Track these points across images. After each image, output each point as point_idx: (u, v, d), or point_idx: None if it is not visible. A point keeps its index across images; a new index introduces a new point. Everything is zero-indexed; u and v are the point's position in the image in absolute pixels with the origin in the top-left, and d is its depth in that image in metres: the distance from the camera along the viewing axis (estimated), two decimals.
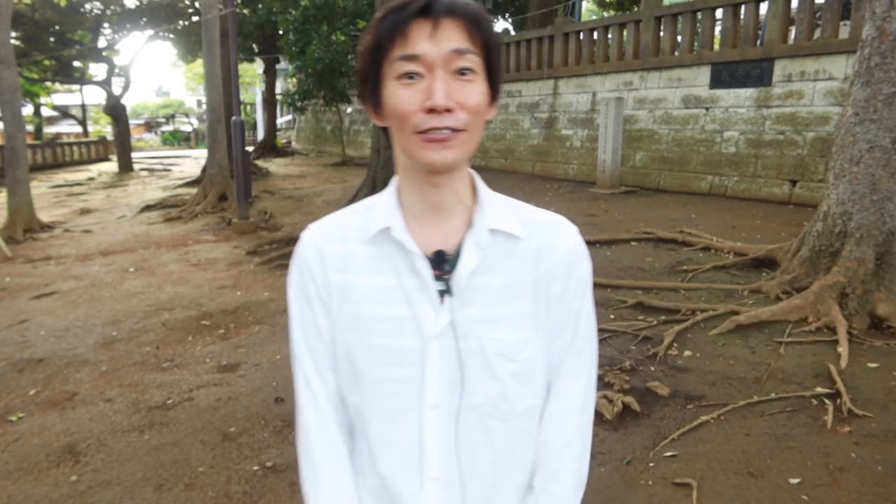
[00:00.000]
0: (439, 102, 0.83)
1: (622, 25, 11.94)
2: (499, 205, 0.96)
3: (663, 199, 9.87)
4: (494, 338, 0.92)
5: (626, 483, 2.71)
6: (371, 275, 0.94)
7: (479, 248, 0.92)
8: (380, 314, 0.93)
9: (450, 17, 0.84)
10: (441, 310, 0.91)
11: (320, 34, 16.10)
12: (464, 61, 0.85)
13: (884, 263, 4.38)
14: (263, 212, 10.41)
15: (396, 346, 0.93)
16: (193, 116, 44.84)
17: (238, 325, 5.05)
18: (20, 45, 18.95)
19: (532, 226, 0.96)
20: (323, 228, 0.99)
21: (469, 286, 0.92)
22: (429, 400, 0.93)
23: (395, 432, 0.95)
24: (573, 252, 0.96)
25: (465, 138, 0.87)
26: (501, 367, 0.93)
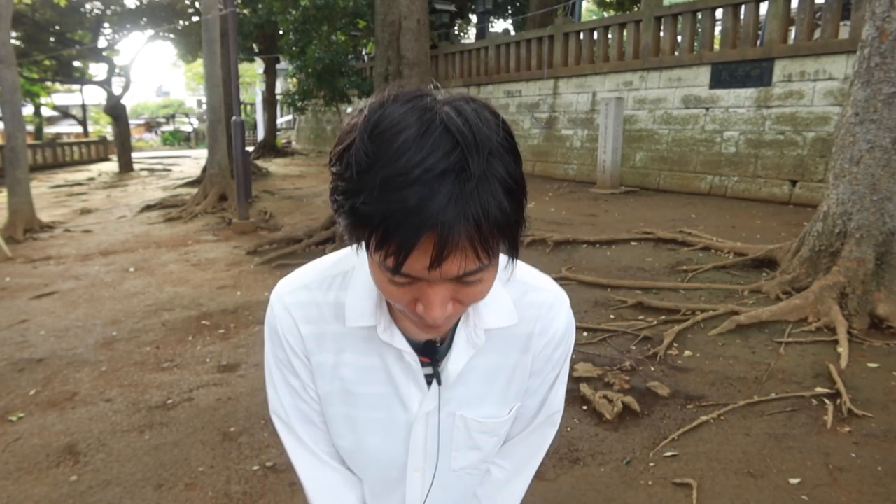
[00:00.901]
0: (435, 323, 0.72)
1: (622, 25, 11.94)
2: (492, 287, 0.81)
3: (663, 199, 9.87)
4: (479, 419, 0.95)
5: (626, 483, 2.70)
6: (354, 354, 0.90)
7: (472, 346, 0.88)
8: (366, 392, 0.93)
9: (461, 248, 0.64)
10: (428, 394, 0.91)
11: (320, 34, 16.09)
12: (472, 278, 0.70)
13: (884, 263, 4.38)
14: (263, 212, 10.41)
15: (383, 420, 0.94)
16: (193, 116, 44.84)
17: (238, 325, 5.05)
18: (20, 45, 18.95)
19: (524, 309, 0.91)
20: (298, 304, 0.89)
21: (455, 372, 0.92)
22: (412, 463, 0.98)
23: (383, 490, 1.03)
24: (563, 334, 0.96)
25: (462, 312, 0.78)
26: (484, 441, 0.98)
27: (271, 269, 6.83)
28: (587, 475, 2.76)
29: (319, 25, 16.09)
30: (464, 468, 1.00)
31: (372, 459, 0.99)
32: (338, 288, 0.88)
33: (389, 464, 0.98)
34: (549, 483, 2.70)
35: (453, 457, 0.98)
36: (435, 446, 0.96)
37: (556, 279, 4.69)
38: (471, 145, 0.62)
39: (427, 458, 0.97)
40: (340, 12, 16.17)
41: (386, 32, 7.63)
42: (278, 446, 3.12)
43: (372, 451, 0.98)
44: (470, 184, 0.62)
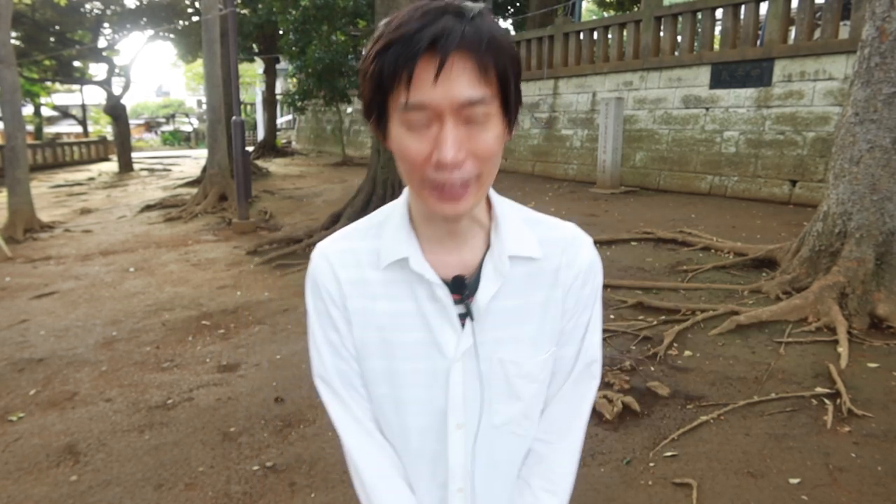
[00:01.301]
0: (448, 160, 0.76)
1: (622, 25, 11.94)
2: (515, 222, 0.94)
3: (663, 199, 9.87)
4: (516, 360, 0.93)
5: (626, 483, 2.70)
6: (389, 301, 0.93)
7: (499, 275, 0.91)
8: (402, 340, 0.93)
9: (459, 55, 0.74)
10: (463, 334, 0.91)
11: (320, 34, 16.10)
12: (477, 109, 0.77)
13: (884, 263, 4.38)
14: (263, 212, 10.41)
15: (422, 370, 0.93)
16: (193, 116, 44.83)
17: (238, 325, 5.05)
18: (20, 45, 18.96)
19: (549, 245, 0.95)
20: (336, 251, 0.95)
21: (489, 310, 0.91)
22: (453, 419, 0.95)
23: (424, 447, 0.98)
24: (590, 267, 0.96)
25: (479, 184, 0.82)
26: (524, 388, 0.95)
27: (271, 269, 6.83)
28: (587, 475, 2.76)
29: (319, 25, 16.10)
30: (506, 423, 0.97)
31: (411, 418, 0.96)
32: (373, 237, 0.94)
33: (429, 423, 0.96)
34: None
35: (494, 409, 0.95)
36: (474, 397, 0.94)
37: None
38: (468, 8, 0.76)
39: (468, 411, 0.94)
40: (340, 12, 16.18)
41: None
42: (278, 446, 3.12)
43: (411, 407, 0.95)
44: (466, 19, 0.75)
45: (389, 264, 0.91)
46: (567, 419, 1.01)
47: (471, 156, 0.79)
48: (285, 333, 4.79)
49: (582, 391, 1.01)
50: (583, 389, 1.01)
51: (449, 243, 0.92)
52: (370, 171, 8.14)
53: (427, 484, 1.01)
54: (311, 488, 2.77)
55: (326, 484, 2.79)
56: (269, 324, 5.03)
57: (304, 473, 2.89)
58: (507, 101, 0.80)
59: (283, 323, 5.03)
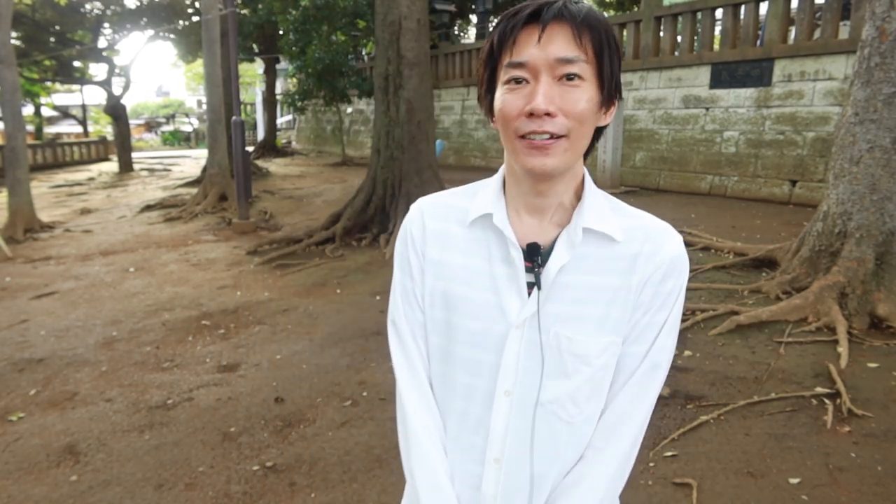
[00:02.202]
0: (539, 106, 0.83)
1: (622, 25, 11.94)
2: (602, 206, 0.95)
3: (663, 199, 9.87)
4: (573, 338, 0.92)
5: (626, 483, 2.70)
6: (465, 256, 0.97)
7: (571, 246, 0.92)
8: (468, 296, 0.96)
9: (557, 23, 0.84)
10: (528, 301, 0.92)
11: (320, 34, 16.10)
12: (569, 68, 0.84)
13: (884, 263, 4.38)
14: (263, 212, 10.40)
15: (481, 330, 0.95)
16: (193, 116, 44.83)
17: (238, 325, 5.05)
18: (20, 45, 18.95)
19: (634, 231, 0.94)
20: (431, 204, 1.03)
21: (557, 282, 0.92)
22: (502, 385, 0.95)
23: (468, 409, 0.99)
24: (673, 261, 0.93)
25: (567, 145, 0.87)
26: (575, 369, 0.94)
27: (271, 269, 6.83)
28: None
29: (319, 25, 16.10)
30: (551, 402, 0.95)
31: (459, 375, 0.97)
32: (468, 197, 1.00)
33: (476, 385, 0.96)
34: None
35: (544, 384, 0.94)
36: (528, 367, 0.94)
37: None
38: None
39: (518, 380, 0.94)
40: (340, 12, 16.18)
41: (386, 32, 7.62)
42: (278, 446, 3.12)
43: (459, 364, 0.97)
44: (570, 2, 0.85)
45: (474, 221, 0.96)
46: (617, 423, 0.97)
47: (562, 113, 0.85)
48: (285, 333, 4.79)
49: (640, 395, 0.96)
50: (641, 393, 0.96)
51: (533, 216, 0.95)
52: (370, 171, 8.14)
53: (463, 459, 1.01)
54: (311, 488, 2.77)
55: (326, 484, 2.79)
56: (269, 324, 5.03)
57: (304, 473, 2.89)
58: (602, 73, 0.87)
59: (283, 323, 5.03)
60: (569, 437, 0.98)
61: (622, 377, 0.96)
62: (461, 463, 1.01)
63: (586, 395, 0.95)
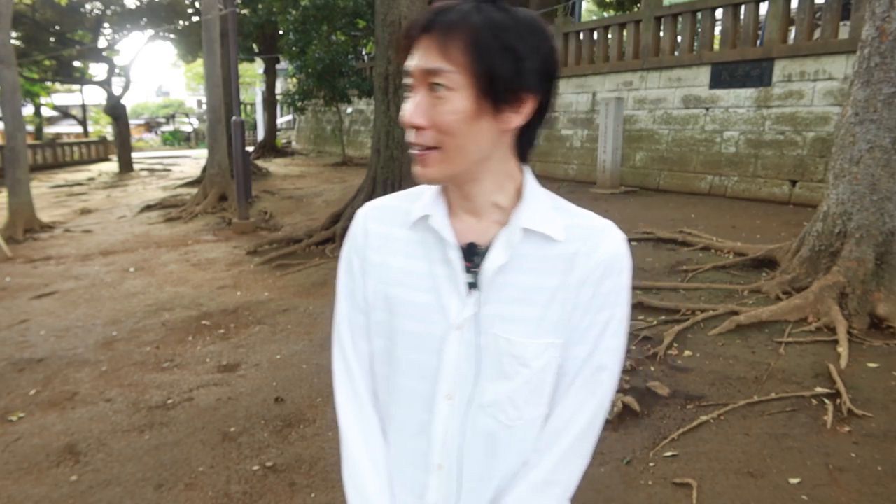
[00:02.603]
0: (403, 119, 0.85)
1: (622, 25, 11.94)
2: (544, 205, 0.94)
3: (663, 199, 9.87)
4: (512, 339, 0.91)
5: (626, 483, 2.71)
6: (406, 258, 0.97)
7: (509, 246, 0.91)
8: (409, 299, 0.95)
9: (426, 34, 0.83)
10: (467, 301, 0.92)
11: (320, 34, 16.10)
12: (434, 78, 0.83)
13: (884, 263, 4.38)
14: (263, 212, 10.40)
15: (422, 332, 0.94)
16: (193, 116, 44.84)
17: (238, 325, 5.05)
18: (20, 45, 18.95)
19: (574, 230, 0.93)
20: (374, 207, 1.03)
21: (496, 283, 0.91)
22: (442, 389, 0.94)
23: (411, 414, 0.98)
24: (611, 259, 0.91)
25: (439, 156, 0.86)
26: (514, 371, 0.92)
27: (271, 269, 6.83)
28: (587, 475, 2.75)
29: (319, 25, 16.10)
30: (491, 405, 0.93)
31: (402, 379, 0.97)
32: (412, 200, 1.00)
33: (419, 389, 0.96)
34: None
35: (484, 387, 0.93)
36: (468, 369, 0.93)
37: None
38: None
39: (459, 383, 0.93)
40: (340, 12, 16.18)
41: (386, 32, 7.62)
42: (278, 446, 3.12)
43: (403, 368, 0.96)
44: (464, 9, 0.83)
45: (414, 223, 0.96)
46: (562, 427, 0.94)
47: (432, 125, 0.85)
48: (285, 333, 4.79)
49: (586, 399, 0.93)
50: (587, 397, 0.93)
51: (471, 216, 0.95)
52: (370, 171, 8.13)
53: (408, 465, 0.99)
54: (311, 488, 2.77)
55: (326, 484, 2.79)
56: (269, 324, 5.03)
57: (304, 473, 2.89)
58: (481, 81, 0.83)
59: (283, 323, 5.03)
60: (509, 442, 0.95)
61: (566, 380, 0.94)
62: (406, 470, 1.00)
63: (525, 398, 0.93)
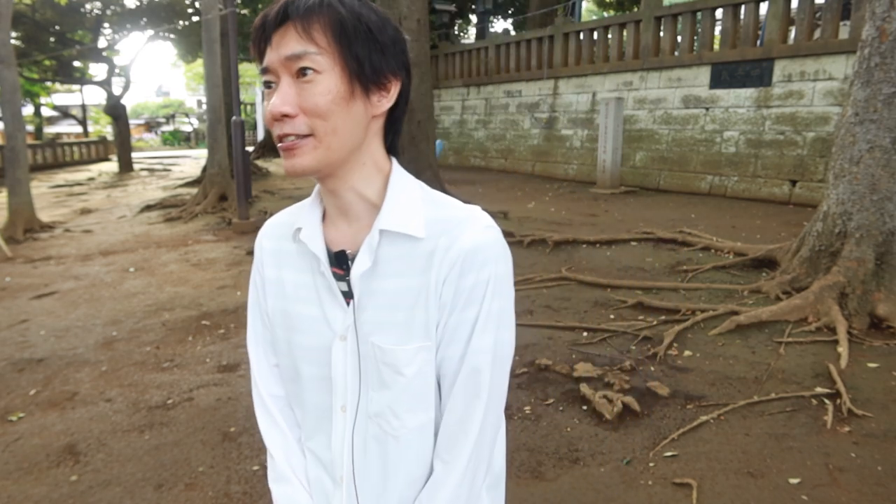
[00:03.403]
0: (273, 109, 0.81)
1: (622, 25, 11.95)
2: (409, 201, 0.89)
3: (663, 199, 9.87)
4: (383, 346, 0.88)
5: (625, 483, 2.70)
6: (296, 272, 0.96)
7: (371, 251, 0.87)
8: (300, 312, 0.95)
9: (286, 24, 0.81)
10: (347, 311, 0.90)
11: None
12: (299, 63, 0.80)
13: (884, 263, 4.38)
14: (263, 212, 10.40)
15: (315, 345, 0.93)
16: (193, 116, 44.86)
17: (238, 325, 5.05)
18: (20, 45, 18.95)
19: (436, 224, 0.87)
20: (269, 224, 1.03)
21: (366, 289, 0.88)
22: (337, 401, 0.94)
23: (319, 426, 0.98)
24: (470, 253, 0.84)
25: (314, 143, 0.82)
26: (391, 378, 0.89)
27: None
28: (587, 475, 2.76)
29: None
30: (377, 415, 0.91)
31: (307, 394, 0.97)
32: (298, 211, 0.98)
33: (322, 401, 0.95)
34: (549, 483, 2.70)
35: (369, 396, 0.91)
36: (353, 380, 0.91)
37: (556, 279, 4.65)
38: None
39: (349, 394, 0.92)
40: None
41: None
42: None
43: (306, 383, 0.96)
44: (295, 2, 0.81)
45: (294, 236, 0.95)
46: (453, 437, 0.90)
47: (302, 111, 0.81)
48: None
49: (471, 401, 0.88)
50: (471, 399, 0.88)
51: (344, 220, 0.93)
52: None
53: (322, 477, 1.00)
54: None
55: None
56: None
57: None
58: (349, 62, 0.82)
59: None
60: (398, 452, 0.92)
61: (446, 383, 0.90)
62: (319, 481, 1.00)
63: (406, 406, 0.90)
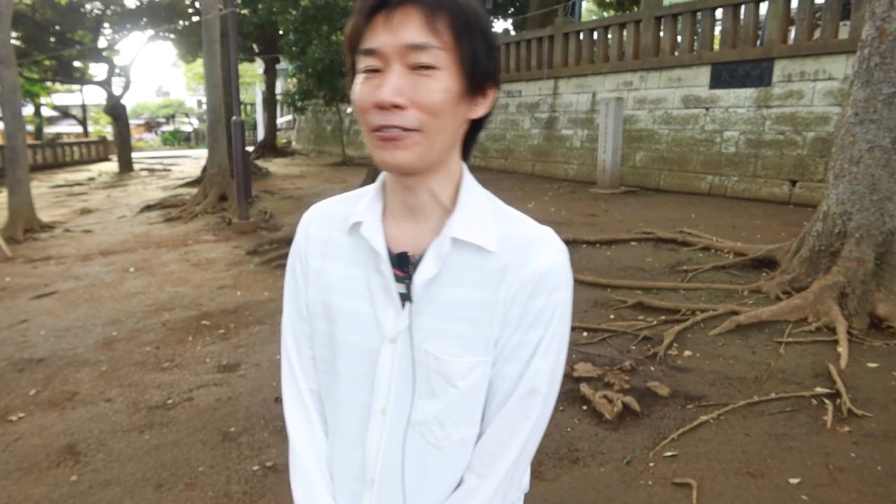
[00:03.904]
0: (383, 97, 0.76)
1: (622, 25, 11.94)
2: (478, 211, 0.88)
3: (663, 199, 9.87)
4: (440, 356, 0.86)
5: (626, 483, 2.70)
6: (345, 265, 0.93)
7: (439, 258, 0.85)
8: (347, 307, 0.92)
9: (409, 6, 0.76)
10: (401, 313, 0.88)
11: (320, 34, 16.10)
12: (421, 55, 0.76)
13: (883, 263, 4.38)
14: (263, 212, 10.40)
15: (359, 343, 0.91)
16: (193, 116, 44.86)
17: (238, 325, 5.05)
18: (20, 45, 18.95)
19: (508, 240, 0.86)
20: (316, 211, 1.00)
21: (426, 295, 0.86)
22: (377, 403, 0.91)
23: (350, 426, 0.96)
24: (543, 275, 0.85)
25: (420, 139, 0.79)
26: (442, 390, 0.88)
27: (271, 269, 6.83)
28: (587, 475, 2.76)
29: (319, 25, 16.09)
30: (421, 423, 0.90)
31: (342, 391, 0.95)
32: (352, 203, 0.95)
33: (357, 400, 0.93)
34: (549, 483, 2.70)
35: (414, 403, 0.89)
36: (403, 384, 0.89)
37: None
38: None
39: (392, 398, 0.90)
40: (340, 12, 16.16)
41: None
42: (278, 446, 3.12)
43: (343, 379, 0.94)
44: None
45: (351, 229, 0.92)
46: (494, 452, 0.90)
47: (414, 105, 0.77)
48: None
49: (518, 422, 0.88)
50: (520, 421, 0.88)
51: (409, 217, 0.90)
52: (370, 171, 8.14)
53: (346, 477, 0.98)
54: None
55: None
56: (269, 324, 5.03)
57: None
58: (465, 62, 0.79)
59: None
60: (438, 463, 0.91)
61: (497, 400, 0.89)
62: (345, 481, 0.98)
63: (454, 419, 0.89)
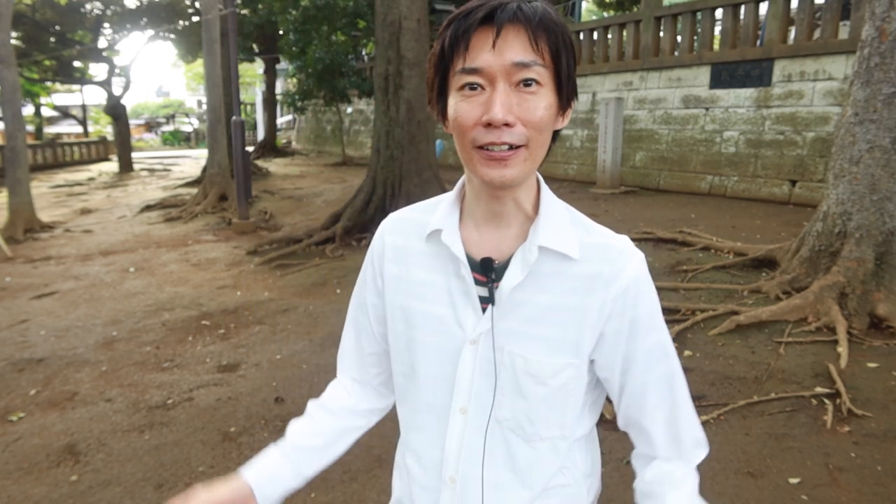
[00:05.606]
0: (497, 117, 0.79)
1: (622, 25, 11.94)
2: (559, 219, 0.92)
3: (663, 199, 9.88)
4: (527, 357, 0.90)
5: (626, 483, 2.70)
6: (423, 271, 0.97)
7: (526, 265, 0.89)
8: (426, 311, 0.95)
9: (513, 26, 0.79)
10: (483, 316, 0.91)
11: (320, 34, 16.11)
12: (527, 73, 0.80)
13: (883, 263, 4.38)
14: (263, 212, 10.40)
15: (438, 344, 0.95)
16: (194, 116, 44.86)
17: (238, 325, 5.05)
18: (20, 45, 18.95)
19: (591, 249, 0.91)
20: (394, 219, 1.04)
21: (511, 300, 0.90)
22: (457, 403, 0.95)
23: (428, 424, 0.99)
24: (635, 286, 0.90)
25: (527, 154, 0.83)
26: (530, 388, 0.92)
27: (271, 269, 6.83)
28: None
29: (319, 25, 16.10)
30: (507, 419, 0.93)
31: (421, 393, 0.98)
32: (429, 211, 0.99)
33: (436, 401, 0.96)
34: None
35: (498, 401, 0.93)
36: (484, 384, 0.93)
37: None
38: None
39: (474, 397, 0.93)
40: (340, 12, 16.18)
41: (386, 32, 7.62)
42: None
43: (422, 381, 0.97)
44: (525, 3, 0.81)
45: (429, 236, 0.96)
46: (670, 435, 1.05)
47: (521, 122, 0.81)
48: (285, 333, 4.79)
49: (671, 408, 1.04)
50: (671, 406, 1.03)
51: (491, 223, 0.93)
52: (370, 171, 8.13)
53: (425, 475, 1.00)
54: (311, 488, 2.77)
55: (326, 484, 2.79)
56: (269, 324, 5.03)
57: None
58: (560, 79, 0.84)
59: (283, 323, 5.03)
60: (530, 458, 0.95)
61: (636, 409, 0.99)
62: (424, 478, 1.01)
63: (543, 416, 0.93)
